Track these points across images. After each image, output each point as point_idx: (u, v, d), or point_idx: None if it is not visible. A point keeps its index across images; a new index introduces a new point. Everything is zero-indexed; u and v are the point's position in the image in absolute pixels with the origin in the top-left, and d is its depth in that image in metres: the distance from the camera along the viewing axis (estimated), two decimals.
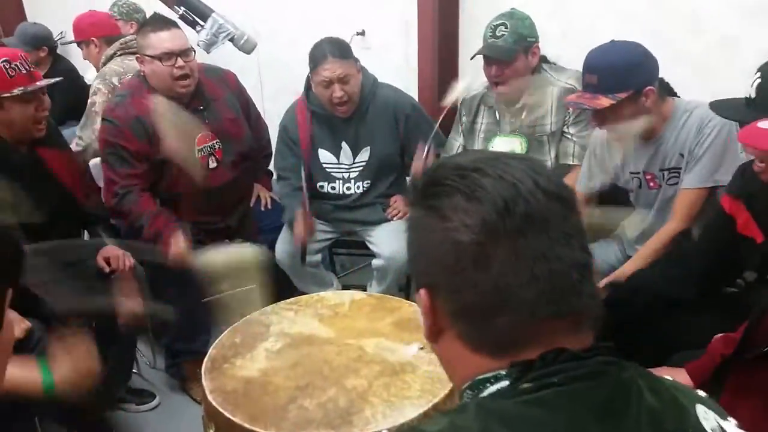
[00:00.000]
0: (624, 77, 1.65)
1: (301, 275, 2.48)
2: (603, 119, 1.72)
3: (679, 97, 1.80)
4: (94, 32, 2.94)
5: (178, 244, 2.13)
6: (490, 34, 2.06)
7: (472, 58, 2.12)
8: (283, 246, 2.45)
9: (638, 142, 1.80)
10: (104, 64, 2.80)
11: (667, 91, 1.76)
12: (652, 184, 1.83)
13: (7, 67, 1.83)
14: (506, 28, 2.03)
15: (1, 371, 0.71)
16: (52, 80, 1.97)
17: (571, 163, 2.12)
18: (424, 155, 2.17)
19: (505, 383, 0.62)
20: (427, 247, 0.65)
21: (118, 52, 2.82)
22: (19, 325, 1.73)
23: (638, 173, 1.84)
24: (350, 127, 2.39)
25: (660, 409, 0.61)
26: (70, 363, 1.35)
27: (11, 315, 0.69)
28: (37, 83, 1.87)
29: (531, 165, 0.64)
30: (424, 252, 0.66)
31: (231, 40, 2.30)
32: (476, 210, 0.61)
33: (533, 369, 0.60)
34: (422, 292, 0.67)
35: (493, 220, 0.60)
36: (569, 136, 2.12)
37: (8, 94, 1.83)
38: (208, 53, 2.32)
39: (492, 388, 0.62)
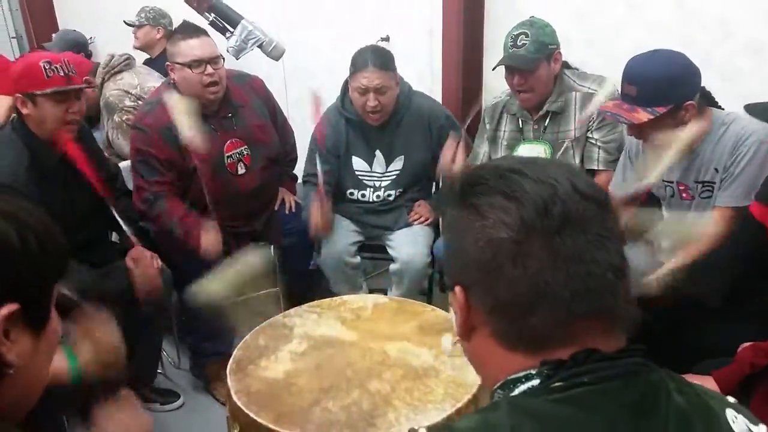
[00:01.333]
0: (664, 91, 1.60)
1: (341, 277, 2.48)
2: (640, 132, 1.69)
3: (720, 107, 1.75)
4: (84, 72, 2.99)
5: (209, 238, 2.18)
6: (511, 43, 2.05)
7: (494, 69, 2.12)
8: (326, 248, 2.46)
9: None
10: (101, 93, 2.88)
11: (707, 100, 1.71)
12: (684, 195, 1.80)
13: (46, 67, 1.88)
14: (527, 36, 2.02)
15: (47, 365, 0.73)
16: (85, 86, 2.03)
17: (596, 168, 2.10)
18: (454, 148, 2.16)
19: (535, 382, 0.63)
20: (464, 244, 0.66)
21: (106, 77, 2.88)
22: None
23: (671, 182, 1.81)
24: (384, 135, 2.41)
25: (689, 411, 0.62)
26: (93, 344, 1.35)
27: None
28: (70, 86, 1.92)
29: (569, 168, 0.66)
30: (460, 249, 0.67)
31: (260, 46, 2.33)
32: (515, 209, 0.62)
33: (564, 368, 0.61)
34: (457, 289, 0.68)
35: (531, 218, 0.62)
36: (594, 141, 2.11)
37: (41, 92, 1.88)
38: (237, 59, 2.36)
39: (523, 387, 0.63)
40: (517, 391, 0.64)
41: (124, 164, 2.47)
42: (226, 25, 2.30)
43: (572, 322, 0.62)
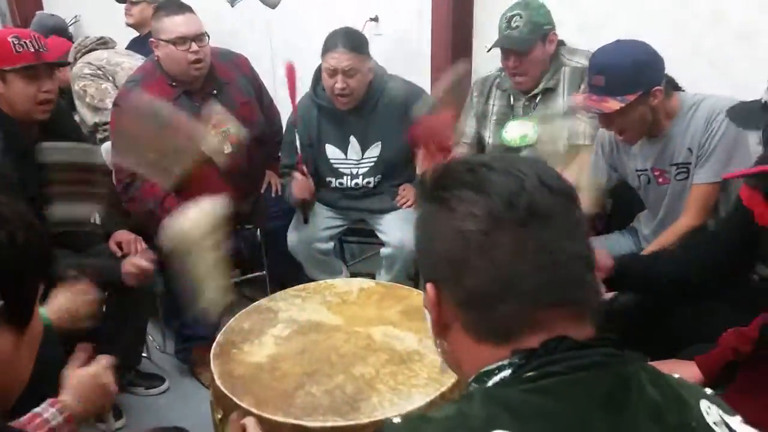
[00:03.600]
0: (632, 79, 1.61)
1: (312, 263, 2.48)
2: (611, 121, 1.69)
3: (684, 91, 1.77)
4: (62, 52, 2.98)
5: None
6: (506, 25, 2.03)
7: (488, 51, 2.09)
8: (295, 233, 2.45)
9: (644, 140, 1.78)
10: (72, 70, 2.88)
11: (672, 86, 1.73)
12: (661, 180, 1.80)
13: (15, 42, 1.81)
14: (521, 18, 2.00)
15: (29, 363, 0.73)
16: (58, 62, 1.96)
17: (581, 143, 2.10)
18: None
19: (507, 372, 0.63)
20: (434, 239, 0.68)
21: (78, 56, 2.86)
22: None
23: (645, 170, 1.82)
24: (359, 121, 2.36)
25: (662, 402, 0.62)
26: (65, 299, 1.46)
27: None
28: (40, 61, 1.85)
29: (536, 163, 0.68)
30: (431, 245, 0.68)
31: None
32: (483, 201, 0.64)
33: (535, 357, 0.61)
34: (428, 286, 0.69)
35: (498, 210, 0.63)
36: (580, 117, 2.10)
37: (10, 68, 1.81)
38: (232, 7, 2.32)
39: (496, 378, 0.63)
40: (490, 383, 0.63)
41: (105, 146, 2.43)
42: None
43: (540, 311, 0.63)
